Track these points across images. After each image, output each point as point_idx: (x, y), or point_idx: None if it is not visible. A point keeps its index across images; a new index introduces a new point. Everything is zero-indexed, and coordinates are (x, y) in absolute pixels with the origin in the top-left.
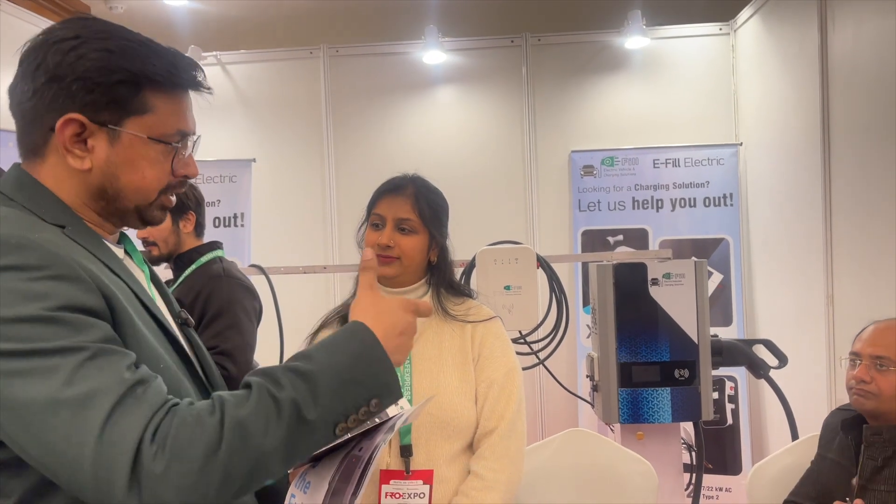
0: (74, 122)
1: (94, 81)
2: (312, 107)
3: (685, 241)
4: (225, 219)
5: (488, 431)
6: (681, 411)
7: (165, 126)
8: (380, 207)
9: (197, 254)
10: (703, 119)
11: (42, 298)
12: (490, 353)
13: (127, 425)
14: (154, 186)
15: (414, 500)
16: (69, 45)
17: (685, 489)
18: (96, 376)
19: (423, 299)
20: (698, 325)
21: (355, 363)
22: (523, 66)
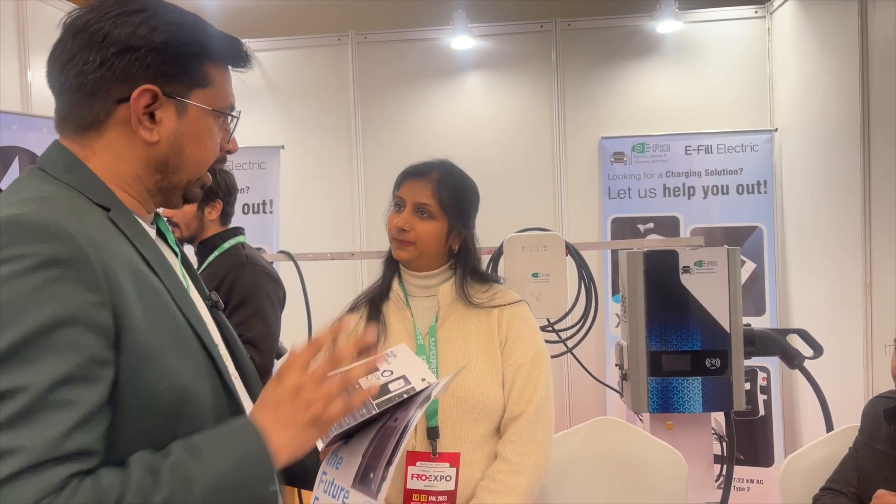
0: (148, 93)
1: (169, 52)
2: (340, 93)
3: (717, 229)
4: (254, 205)
5: (516, 415)
6: (712, 401)
7: (224, 98)
8: (402, 189)
9: (220, 240)
10: (736, 105)
11: (47, 303)
12: (517, 336)
13: (8, 500)
14: (210, 159)
15: (440, 482)
16: (140, 17)
17: (716, 480)
18: (25, 433)
19: (445, 286)
20: (730, 314)
21: (237, 470)
22: (553, 52)
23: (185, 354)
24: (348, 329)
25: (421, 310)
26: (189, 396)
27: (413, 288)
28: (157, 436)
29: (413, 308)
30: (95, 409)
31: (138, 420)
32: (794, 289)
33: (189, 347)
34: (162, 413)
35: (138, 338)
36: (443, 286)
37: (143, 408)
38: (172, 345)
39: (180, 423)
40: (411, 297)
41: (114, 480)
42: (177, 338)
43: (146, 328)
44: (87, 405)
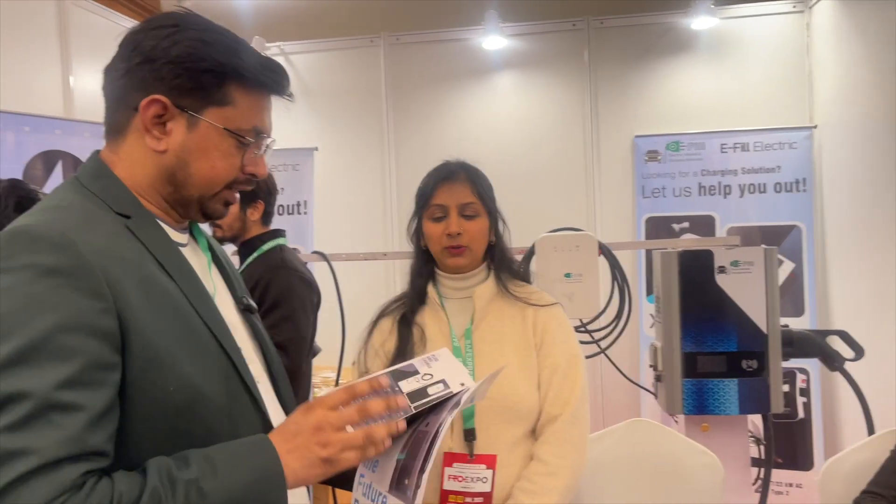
0: (158, 103)
1: (183, 66)
2: (373, 95)
3: (754, 229)
4: (288, 206)
5: (552, 418)
6: (749, 403)
7: (243, 121)
8: (439, 197)
9: (260, 241)
10: (774, 101)
11: (50, 311)
12: (553, 339)
13: (23, 500)
14: (221, 178)
15: (476, 483)
16: (166, 32)
17: (753, 483)
18: (34, 435)
19: (481, 287)
20: (768, 315)
21: (251, 489)
22: (585, 51)
23: (198, 356)
24: (385, 387)
25: (456, 311)
26: (201, 397)
27: (448, 290)
28: (168, 436)
29: (448, 310)
30: (102, 410)
31: (149, 421)
32: (835, 289)
33: (203, 349)
34: (172, 414)
35: (145, 341)
36: (479, 287)
37: (153, 409)
38: (183, 347)
39: (192, 423)
40: (445, 300)
41: (130, 484)
42: (189, 340)
43: (154, 331)
44: (95, 408)
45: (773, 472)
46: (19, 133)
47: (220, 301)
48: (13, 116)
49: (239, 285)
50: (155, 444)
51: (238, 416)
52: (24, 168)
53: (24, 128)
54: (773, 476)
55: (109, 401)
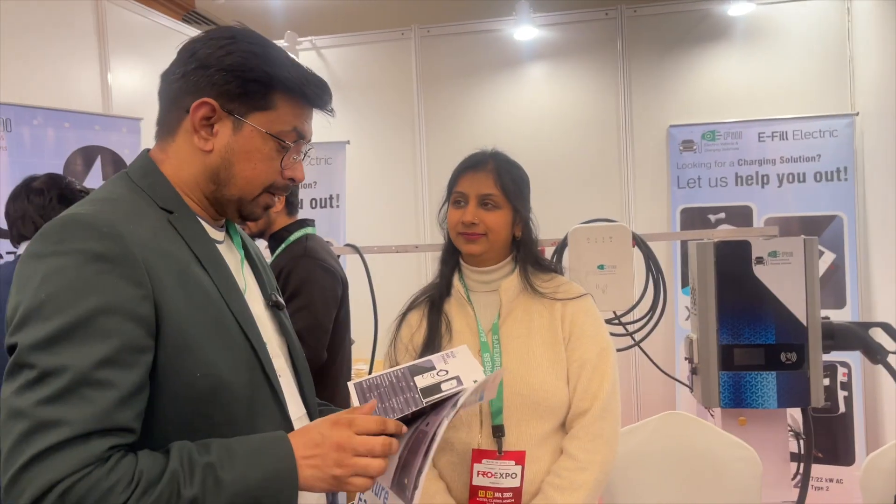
0: (207, 105)
1: (234, 74)
2: (404, 87)
3: (793, 219)
4: (321, 200)
5: (582, 412)
6: (788, 397)
7: (284, 125)
8: (461, 185)
9: (287, 232)
10: (813, 88)
11: (94, 294)
12: (581, 331)
13: (52, 468)
14: (261, 180)
15: (506, 479)
16: (222, 42)
17: (792, 479)
18: (68, 408)
19: (507, 280)
20: (807, 307)
21: (265, 484)
22: (618, 40)
23: (225, 346)
24: (401, 433)
25: (483, 305)
26: (224, 385)
27: (474, 283)
28: (192, 419)
29: (475, 304)
30: (133, 390)
31: (175, 403)
32: (877, 280)
33: (230, 340)
34: (197, 398)
35: (178, 329)
36: (505, 281)
37: (180, 392)
38: (212, 337)
39: (214, 408)
40: (472, 293)
41: (153, 463)
42: (218, 331)
43: (186, 320)
44: (126, 386)
45: (813, 467)
46: (59, 129)
47: (250, 296)
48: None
49: (269, 282)
50: (179, 426)
51: (257, 406)
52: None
53: (64, 124)
54: (813, 471)
55: (139, 381)
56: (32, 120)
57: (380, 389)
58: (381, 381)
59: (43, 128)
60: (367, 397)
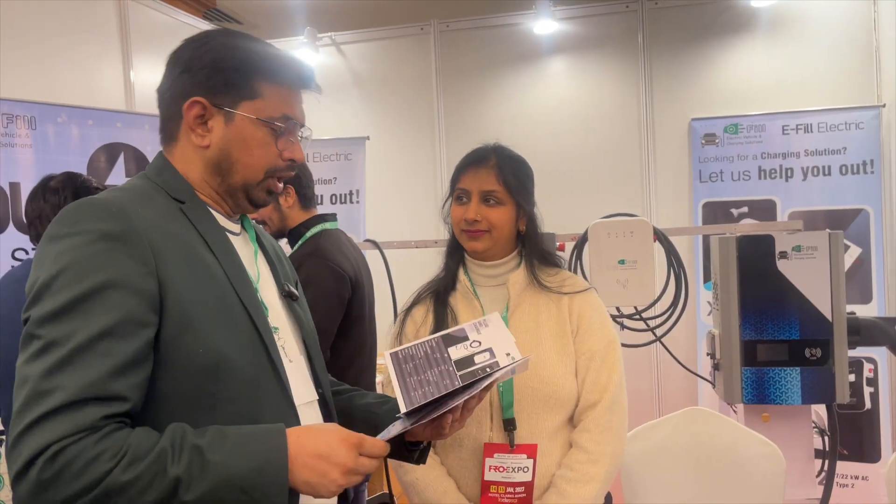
0: (198, 104)
1: (214, 68)
2: (423, 83)
3: (818, 213)
4: (341, 195)
5: (591, 405)
6: (812, 393)
7: (272, 110)
8: (464, 181)
9: (305, 228)
10: (839, 80)
11: (101, 269)
12: (589, 325)
13: (46, 432)
14: (261, 164)
15: (518, 473)
16: (199, 43)
17: (816, 476)
18: (66, 376)
19: (514, 274)
20: (832, 302)
21: (253, 475)
22: (639, 33)
23: (229, 326)
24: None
25: (490, 299)
26: (226, 362)
27: (480, 278)
28: (196, 395)
29: (481, 298)
30: (130, 360)
31: (178, 378)
32: None
33: (233, 322)
34: (199, 374)
35: (181, 306)
36: (512, 274)
37: (182, 367)
38: (215, 316)
39: (217, 385)
40: (478, 287)
41: (144, 440)
42: (221, 311)
43: (190, 299)
44: (122, 356)
45: (838, 464)
46: (83, 126)
47: (264, 286)
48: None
49: (284, 274)
50: (182, 402)
51: (261, 386)
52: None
53: (87, 121)
54: (838, 468)
55: (137, 352)
56: (57, 118)
57: (415, 360)
58: (417, 351)
59: (67, 125)
60: (403, 367)
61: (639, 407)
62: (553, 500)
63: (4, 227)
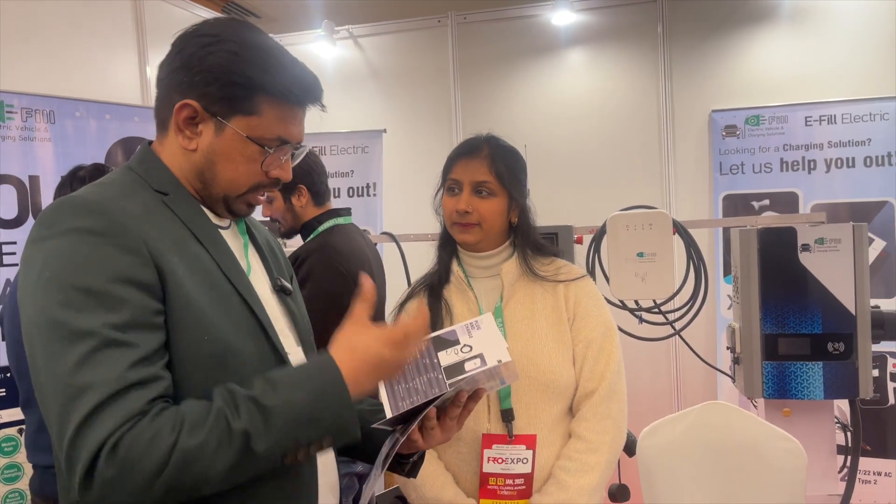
0: (189, 107)
1: (214, 76)
2: (440, 75)
3: (841, 205)
4: (358, 188)
5: (589, 393)
6: (834, 388)
7: (267, 131)
8: (455, 171)
9: (317, 222)
10: (863, 70)
11: (96, 267)
12: (586, 312)
13: (97, 429)
14: (244, 182)
15: (517, 465)
16: (206, 41)
17: (839, 472)
18: (98, 370)
19: (507, 264)
20: (856, 295)
21: (315, 403)
22: (659, 23)
23: (228, 314)
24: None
25: (484, 290)
26: (232, 349)
27: (474, 269)
28: (204, 384)
29: (476, 289)
30: (155, 348)
31: (184, 367)
32: None
33: (233, 311)
34: (206, 363)
35: (181, 292)
36: (505, 264)
37: (188, 355)
38: (215, 303)
39: (225, 373)
40: (472, 279)
41: (196, 407)
42: (220, 298)
43: (189, 286)
44: (148, 346)
45: (861, 459)
46: (101, 120)
47: (255, 279)
48: (95, 105)
49: (277, 267)
50: (191, 392)
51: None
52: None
53: (105, 115)
54: (861, 464)
55: (159, 341)
56: (75, 112)
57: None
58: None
59: (85, 119)
60: None
61: (657, 401)
62: (552, 490)
63: (24, 219)
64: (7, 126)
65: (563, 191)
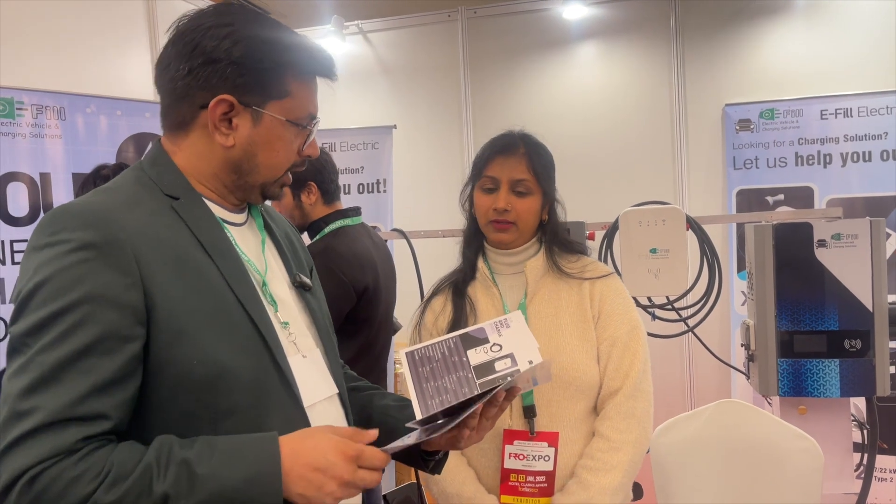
0: (225, 102)
1: (246, 66)
2: (451, 70)
3: (858, 200)
4: (368, 185)
5: (613, 391)
6: (851, 385)
7: (300, 109)
8: (492, 169)
9: (324, 223)
10: (880, 63)
11: (78, 282)
12: (611, 310)
13: (23, 455)
14: (283, 165)
15: (538, 462)
16: (225, 31)
17: (855, 470)
18: (45, 395)
19: (532, 260)
20: (873, 292)
21: (244, 486)
22: (671, 16)
23: (226, 333)
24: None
25: (508, 287)
26: (225, 372)
27: (499, 266)
28: (194, 408)
29: (500, 285)
30: (112, 378)
31: (174, 392)
32: None
33: (232, 326)
34: (196, 387)
35: (172, 316)
36: (530, 261)
37: (178, 381)
38: (212, 323)
39: (216, 397)
40: (497, 275)
41: (128, 456)
42: (219, 317)
43: (182, 307)
44: (104, 374)
45: (878, 457)
46: (112, 117)
47: (273, 278)
48: (106, 101)
49: (297, 262)
50: (180, 416)
51: (265, 393)
52: (117, 150)
53: (116, 111)
54: (878, 462)
55: (121, 369)
56: (86, 108)
57: (432, 363)
58: (434, 352)
59: (96, 116)
60: (420, 371)
61: (671, 399)
62: (574, 489)
63: (35, 217)
64: (17, 123)
65: (574, 186)
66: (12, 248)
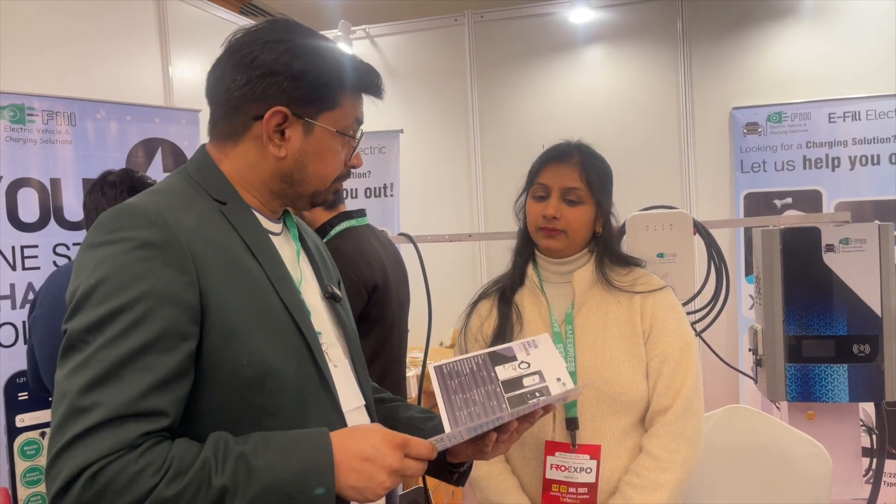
0: (280, 114)
1: (304, 80)
2: (458, 74)
3: (866, 203)
4: (375, 189)
5: (663, 409)
6: (860, 390)
7: (348, 120)
8: (544, 176)
9: (329, 226)
10: (888, 66)
11: (139, 280)
12: (663, 325)
13: (85, 451)
14: (332, 175)
15: (580, 474)
16: (284, 46)
17: (864, 475)
18: (107, 391)
19: (581, 270)
20: (882, 296)
21: (299, 478)
22: (678, 20)
23: (273, 334)
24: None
25: (556, 296)
26: (271, 373)
27: (549, 274)
28: (240, 407)
29: (548, 294)
30: (171, 375)
31: (222, 392)
32: None
33: (279, 328)
34: (244, 386)
35: (224, 316)
36: (578, 271)
37: (227, 380)
38: (260, 324)
39: (262, 397)
40: (546, 283)
41: (186, 451)
42: (266, 319)
43: (233, 307)
44: (163, 371)
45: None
46: (122, 122)
47: (306, 287)
48: (115, 106)
49: (327, 274)
50: (227, 415)
51: (307, 395)
52: (127, 155)
53: (126, 117)
54: (887, 467)
55: (178, 367)
56: (96, 114)
57: (461, 377)
58: (462, 367)
59: (106, 121)
60: (448, 384)
61: None
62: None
63: (46, 222)
64: (28, 129)
65: None
66: (23, 253)
